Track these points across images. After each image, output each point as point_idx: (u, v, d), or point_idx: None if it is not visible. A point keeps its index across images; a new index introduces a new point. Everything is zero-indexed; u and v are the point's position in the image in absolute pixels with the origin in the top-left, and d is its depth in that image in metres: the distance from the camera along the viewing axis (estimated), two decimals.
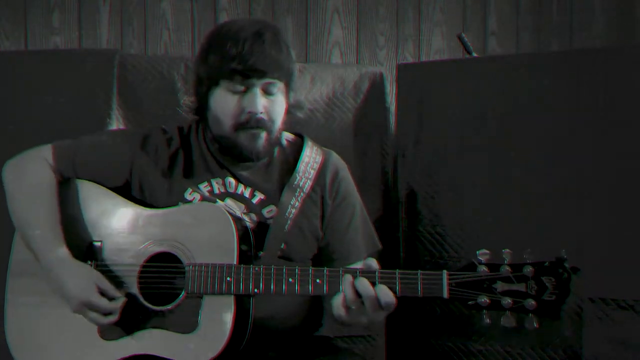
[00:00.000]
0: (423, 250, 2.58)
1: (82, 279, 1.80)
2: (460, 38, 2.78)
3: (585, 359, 2.32)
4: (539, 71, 2.45)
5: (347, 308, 1.70)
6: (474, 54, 2.76)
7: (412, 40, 3.15)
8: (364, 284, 1.68)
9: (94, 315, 1.79)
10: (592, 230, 2.31)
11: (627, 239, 2.28)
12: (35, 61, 2.60)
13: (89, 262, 1.85)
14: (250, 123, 1.85)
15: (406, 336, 2.60)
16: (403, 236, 2.62)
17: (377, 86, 2.76)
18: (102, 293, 1.80)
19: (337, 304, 1.71)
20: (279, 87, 1.87)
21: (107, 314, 1.79)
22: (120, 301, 1.80)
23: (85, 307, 1.79)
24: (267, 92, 1.85)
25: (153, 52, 2.94)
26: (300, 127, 2.20)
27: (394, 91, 2.72)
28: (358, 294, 1.68)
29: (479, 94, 2.52)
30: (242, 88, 1.84)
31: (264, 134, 1.87)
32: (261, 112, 1.84)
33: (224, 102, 1.86)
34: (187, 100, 2.56)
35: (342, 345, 2.09)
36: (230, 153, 1.91)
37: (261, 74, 1.83)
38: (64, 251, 1.83)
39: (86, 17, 2.91)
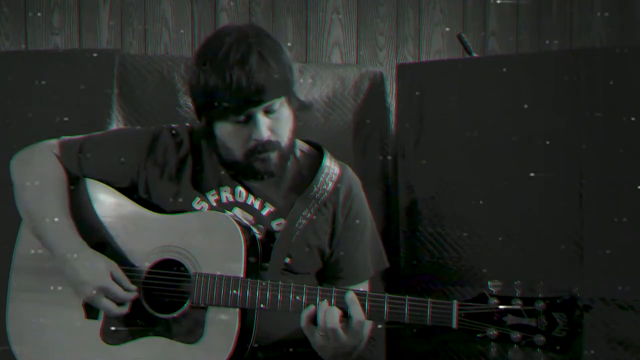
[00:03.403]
0: (423, 250, 2.57)
1: (97, 265, 1.79)
2: (460, 38, 2.78)
3: (585, 359, 2.31)
4: (539, 71, 2.45)
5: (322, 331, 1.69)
6: (474, 54, 2.76)
7: (412, 40, 3.15)
8: (332, 316, 1.67)
9: (107, 303, 1.77)
10: (592, 230, 2.31)
11: (627, 239, 2.28)
12: (35, 61, 2.60)
13: None
14: (258, 149, 1.81)
15: (406, 336, 2.60)
16: (403, 236, 2.62)
17: (377, 86, 2.76)
18: (116, 281, 1.78)
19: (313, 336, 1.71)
20: (280, 103, 1.82)
21: (119, 304, 1.78)
22: (133, 294, 1.79)
23: (100, 293, 1.77)
24: (269, 112, 1.81)
25: (153, 52, 2.93)
26: (301, 127, 2.19)
27: (394, 91, 2.72)
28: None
29: (479, 94, 2.52)
30: (242, 118, 1.80)
31: (274, 154, 1.83)
32: (267, 136, 1.81)
33: (229, 134, 1.83)
34: (187, 101, 2.57)
35: None
36: (245, 174, 1.88)
37: (256, 103, 1.77)
38: (78, 239, 1.82)
39: (86, 17, 2.91)
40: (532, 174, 2.41)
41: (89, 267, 1.79)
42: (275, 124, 1.82)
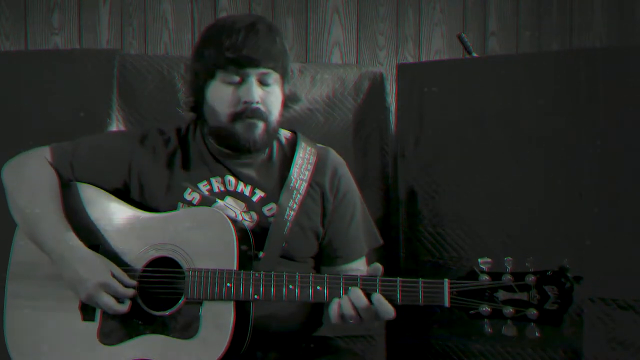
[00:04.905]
0: (423, 250, 2.58)
1: (96, 262, 1.80)
2: (460, 38, 2.78)
3: (585, 359, 2.32)
4: (539, 71, 2.45)
5: (343, 319, 1.71)
6: (474, 54, 2.77)
7: (412, 40, 3.16)
8: (358, 296, 1.68)
9: (107, 300, 1.77)
10: (592, 230, 2.31)
11: (627, 239, 2.28)
12: (35, 61, 2.60)
13: None
14: (246, 113, 1.85)
15: (406, 336, 2.60)
16: (403, 236, 2.62)
17: (377, 86, 2.76)
18: (115, 278, 1.79)
19: (334, 314, 1.71)
20: (274, 78, 1.87)
21: (119, 301, 1.78)
22: (132, 290, 1.79)
23: (100, 289, 1.77)
24: (262, 83, 1.86)
25: (153, 52, 2.94)
26: (301, 127, 2.20)
27: (394, 91, 2.72)
28: (354, 306, 1.69)
29: (479, 94, 2.52)
30: (237, 79, 1.85)
31: (261, 124, 1.87)
32: (257, 102, 1.85)
33: (220, 93, 1.87)
34: (184, 100, 2.57)
35: (342, 345, 2.09)
36: (227, 145, 1.91)
37: (256, 64, 1.83)
38: (74, 239, 1.82)
39: (86, 17, 2.91)
40: (532, 174, 2.42)
41: (88, 265, 1.79)
42: (267, 97, 1.87)
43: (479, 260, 1.64)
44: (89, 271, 1.78)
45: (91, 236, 1.86)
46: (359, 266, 1.98)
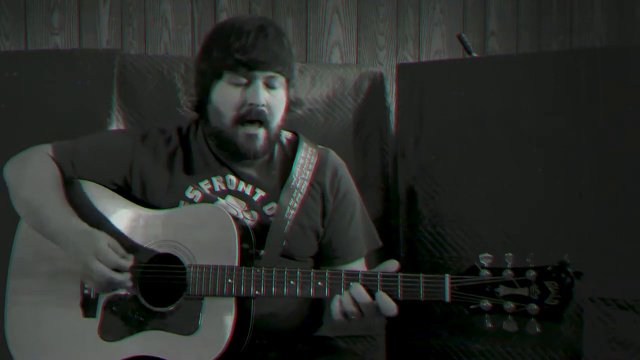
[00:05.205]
0: (423, 250, 2.58)
1: (95, 235, 1.79)
2: (460, 38, 2.79)
3: (585, 359, 2.32)
4: (539, 71, 2.45)
5: (345, 315, 1.71)
6: (474, 54, 2.77)
7: (412, 40, 3.16)
8: (359, 291, 1.68)
9: (100, 267, 1.75)
10: (592, 230, 2.32)
11: (627, 239, 2.28)
12: (35, 61, 2.60)
13: None
14: (251, 115, 1.85)
15: (406, 336, 2.60)
16: (403, 236, 2.62)
17: (377, 86, 2.76)
18: (112, 249, 1.78)
19: (336, 310, 1.72)
20: (280, 82, 1.88)
21: (115, 270, 1.76)
22: (125, 262, 1.77)
23: (94, 257, 1.75)
24: (269, 86, 1.86)
25: (153, 52, 2.94)
26: (301, 127, 2.20)
27: (394, 91, 2.73)
28: (356, 302, 1.69)
29: (479, 94, 2.52)
30: (244, 81, 1.85)
31: (262, 134, 1.87)
32: (263, 105, 1.85)
33: (226, 94, 1.86)
34: (187, 99, 2.58)
35: (342, 345, 2.09)
36: (228, 149, 1.91)
37: (264, 67, 1.84)
38: (79, 222, 1.83)
39: (86, 17, 2.91)
40: (532, 174, 2.42)
41: (86, 238, 1.79)
42: (272, 100, 1.87)
43: (480, 256, 1.64)
44: (87, 243, 1.78)
45: None
46: (358, 267, 1.98)
